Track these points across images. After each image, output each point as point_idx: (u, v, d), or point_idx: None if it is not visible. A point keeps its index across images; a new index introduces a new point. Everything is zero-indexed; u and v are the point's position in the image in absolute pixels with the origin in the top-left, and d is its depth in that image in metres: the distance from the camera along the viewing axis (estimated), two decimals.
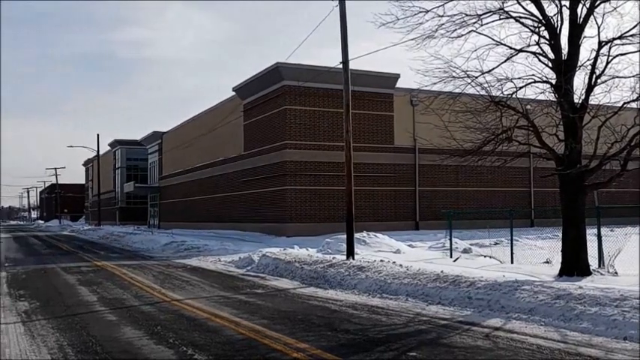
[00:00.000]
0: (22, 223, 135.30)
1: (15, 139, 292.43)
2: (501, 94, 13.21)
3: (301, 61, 32.96)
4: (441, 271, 12.58)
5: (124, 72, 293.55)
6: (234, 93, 39.40)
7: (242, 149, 38.50)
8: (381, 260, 15.29)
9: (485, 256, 17.74)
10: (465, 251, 19.15)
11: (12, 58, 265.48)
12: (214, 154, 43.61)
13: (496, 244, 21.57)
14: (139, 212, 69.84)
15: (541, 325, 8.65)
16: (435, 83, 13.82)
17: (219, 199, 43.01)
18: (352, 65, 24.11)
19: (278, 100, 33.54)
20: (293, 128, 32.97)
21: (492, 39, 13.12)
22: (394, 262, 14.66)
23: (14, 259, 23.75)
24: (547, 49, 12.82)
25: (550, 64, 12.79)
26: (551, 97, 13.15)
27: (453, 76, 13.31)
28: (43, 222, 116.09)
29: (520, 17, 12.85)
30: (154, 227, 56.04)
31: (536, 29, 12.78)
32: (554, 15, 12.66)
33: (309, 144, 33.14)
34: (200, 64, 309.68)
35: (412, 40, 13.65)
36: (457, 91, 13.64)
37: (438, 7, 13.04)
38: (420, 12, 13.22)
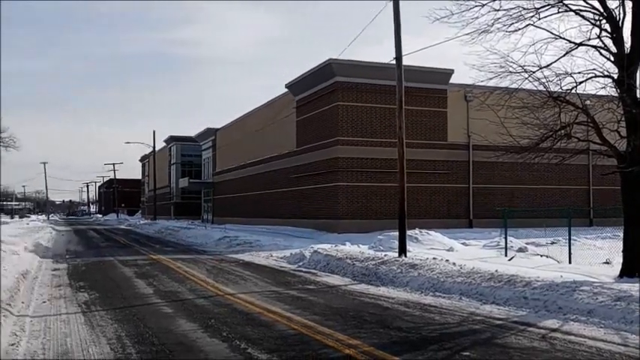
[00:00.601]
0: (81, 216, 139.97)
1: (76, 135, 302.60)
2: (560, 89, 12.85)
3: (353, 57, 32.77)
4: (496, 270, 12.35)
5: (180, 70, 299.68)
6: (286, 90, 39.67)
7: (294, 145, 38.73)
8: (434, 258, 15.11)
9: (541, 256, 17.30)
10: (521, 250, 18.74)
11: (77, 57, 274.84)
12: (267, 150, 44.03)
13: (553, 243, 21.02)
14: (193, 207, 71.22)
15: (600, 327, 8.38)
16: (490, 78, 13.57)
17: (271, 195, 43.42)
18: (405, 61, 23.93)
19: (330, 96, 33.58)
20: (345, 124, 32.96)
21: (551, 32, 12.76)
22: (447, 260, 14.47)
23: (74, 252, 24.59)
24: (609, 42, 12.38)
25: (612, 58, 12.34)
26: (613, 92, 12.72)
27: (510, 71, 13.02)
28: (101, 216, 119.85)
29: (580, 10, 12.45)
30: (208, 222, 57.07)
31: (597, 22, 12.36)
32: (616, 7, 12.22)
33: (360, 140, 33.06)
34: (253, 63, 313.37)
35: (467, 34, 13.44)
36: (514, 86, 13.34)
37: (495, 0, 12.79)
38: (476, 6, 12.99)
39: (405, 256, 16.30)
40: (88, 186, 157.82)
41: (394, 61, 18.90)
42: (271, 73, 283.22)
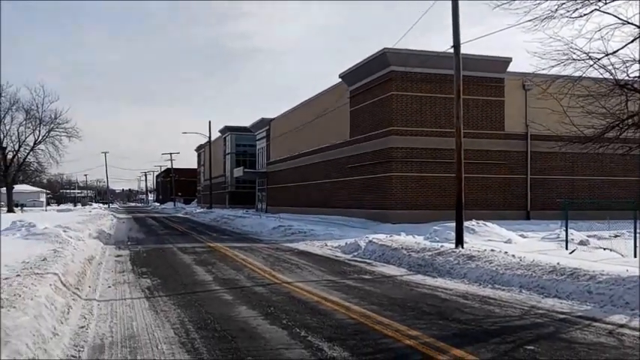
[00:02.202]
0: (139, 205, 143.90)
1: (135, 126, 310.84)
2: (627, 77, 12.37)
3: (408, 47, 32.40)
4: (557, 263, 12.04)
5: (234, 62, 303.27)
6: (340, 80, 39.62)
7: (348, 135, 38.68)
8: (492, 250, 14.87)
9: (604, 249, 16.75)
10: (582, 243, 18.21)
11: (138, 51, 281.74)
12: (320, 140, 44.14)
13: (616, 236, 20.30)
14: (248, 196, 72.19)
15: None
16: (552, 66, 13.15)
17: (324, 184, 43.55)
18: (462, 50, 23.53)
19: (384, 86, 33.35)
20: (399, 114, 32.68)
21: (618, 18, 12.27)
22: (506, 253, 14.21)
23: (135, 239, 25.32)
24: None
25: None
26: None
27: (574, 59, 12.59)
28: (158, 204, 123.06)
29: None
30: (262, 211, 57.74)
31: None
32: None
33: (415, 130, 32.74)
34: (306, 54, 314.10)
35: (529, 21, 13.06)
36: (577, 74, 12.89)
37: None
38: None
39: (462, 247, 16.09)
40: (146, 175, 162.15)
41: (451, 50, 18.50)
42: (324, 64, 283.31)
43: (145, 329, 7.71)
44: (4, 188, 62.27)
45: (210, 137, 67.60)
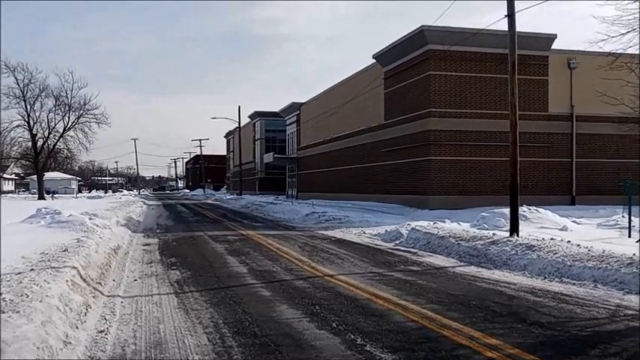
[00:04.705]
0: (169, 191, 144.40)
1: (165, 113, 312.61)
2: None
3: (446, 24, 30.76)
4: (634, 254, 10.65)
5: (262, 48, 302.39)
6: (374, 61, 38.16)
7: (382, 119, 37.27)
8: (552, 238, 13.51)
9: None
10: None
11: (166, 39, 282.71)
12: (353, 124, 42.78)
13: None
14: (278, 182, 71.25)
15: None
16: (623, 34, 11.77)
17: (357, 169, 42.26)
18: (503, 26, 21.96)
19: (421, 65, 31.85)
20: (437, 95, 31.18)
21: None
22: (569, 242, 12.84)
23: (165, 226, 24.46)
24: None
25: None
26: None
27: None
28: (188, 191, 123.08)
29: None
30: (292, 197, 56.75)
31: None
32: None
33: (454, 112, 31.21)
34: (334, 39, 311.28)
35: None
36: None
37: None
38: None
39: (518, 235, 14.71)
40: (175, 162, 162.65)
41: (491, 28, 17.01)
42: (353, 48, 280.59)
43: (174, 334, 6.61)
44: (36, 176, 62.35)
45: (239, 123, 66.64)
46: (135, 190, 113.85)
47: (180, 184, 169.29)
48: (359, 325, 6.96)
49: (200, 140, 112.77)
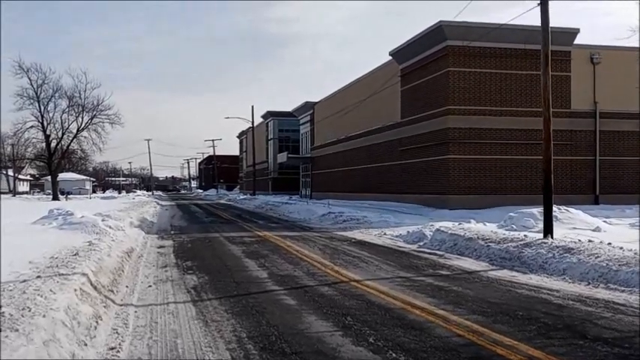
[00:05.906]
0: (183, 191, 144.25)
1: (178, 113, 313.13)
2: None
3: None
4: None
5: (276, 47, 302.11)
6: (390, 58, 37.38)
7: (399, 117, 36.49)
8: (589, 240, 12.71)
9: None
10: None
11: (178, 40, 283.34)
12: (368, 122, 42.02)
13: None
14: (291, 182, 70.61)
15: None
16: None
17: (373, 169, 41.49)
18: (524, 21, 21.24)
19: (440, 62, 31.05)
20: (456, 92, 30.38)
21: None
22: (609, 244, 12.03)
23: (179, 227, 23.86)
24: None
25: None
26: None
27: None
28: (201, 191, 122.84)
29: None
30: (306, 197, 56.07)
31: None
32: None
33: (473, 109, 30.42)
34: (348, 38, 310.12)
35: None
36: None
37: None
38: None
39: (552, 237, 13.91)
40: (188, 162, 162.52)
41: (513, 21, 16.22)
42: (367, 48, 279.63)
43: (194, 351, 5.92)
44: (50, 176, 62.08)
45: (252, 122, 66.10)
46: (147, 191, 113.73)
47: (194, 184, 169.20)
48: (399, 340, 6.24)
49: (213, 140, 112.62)
